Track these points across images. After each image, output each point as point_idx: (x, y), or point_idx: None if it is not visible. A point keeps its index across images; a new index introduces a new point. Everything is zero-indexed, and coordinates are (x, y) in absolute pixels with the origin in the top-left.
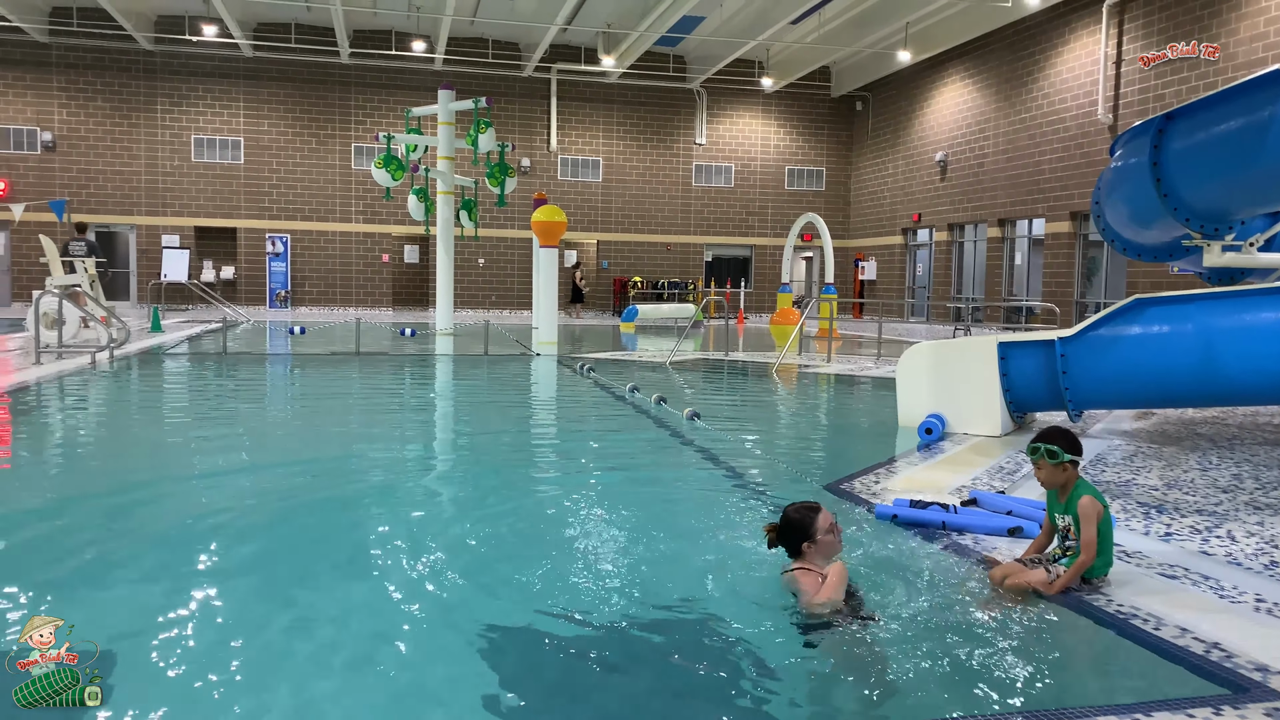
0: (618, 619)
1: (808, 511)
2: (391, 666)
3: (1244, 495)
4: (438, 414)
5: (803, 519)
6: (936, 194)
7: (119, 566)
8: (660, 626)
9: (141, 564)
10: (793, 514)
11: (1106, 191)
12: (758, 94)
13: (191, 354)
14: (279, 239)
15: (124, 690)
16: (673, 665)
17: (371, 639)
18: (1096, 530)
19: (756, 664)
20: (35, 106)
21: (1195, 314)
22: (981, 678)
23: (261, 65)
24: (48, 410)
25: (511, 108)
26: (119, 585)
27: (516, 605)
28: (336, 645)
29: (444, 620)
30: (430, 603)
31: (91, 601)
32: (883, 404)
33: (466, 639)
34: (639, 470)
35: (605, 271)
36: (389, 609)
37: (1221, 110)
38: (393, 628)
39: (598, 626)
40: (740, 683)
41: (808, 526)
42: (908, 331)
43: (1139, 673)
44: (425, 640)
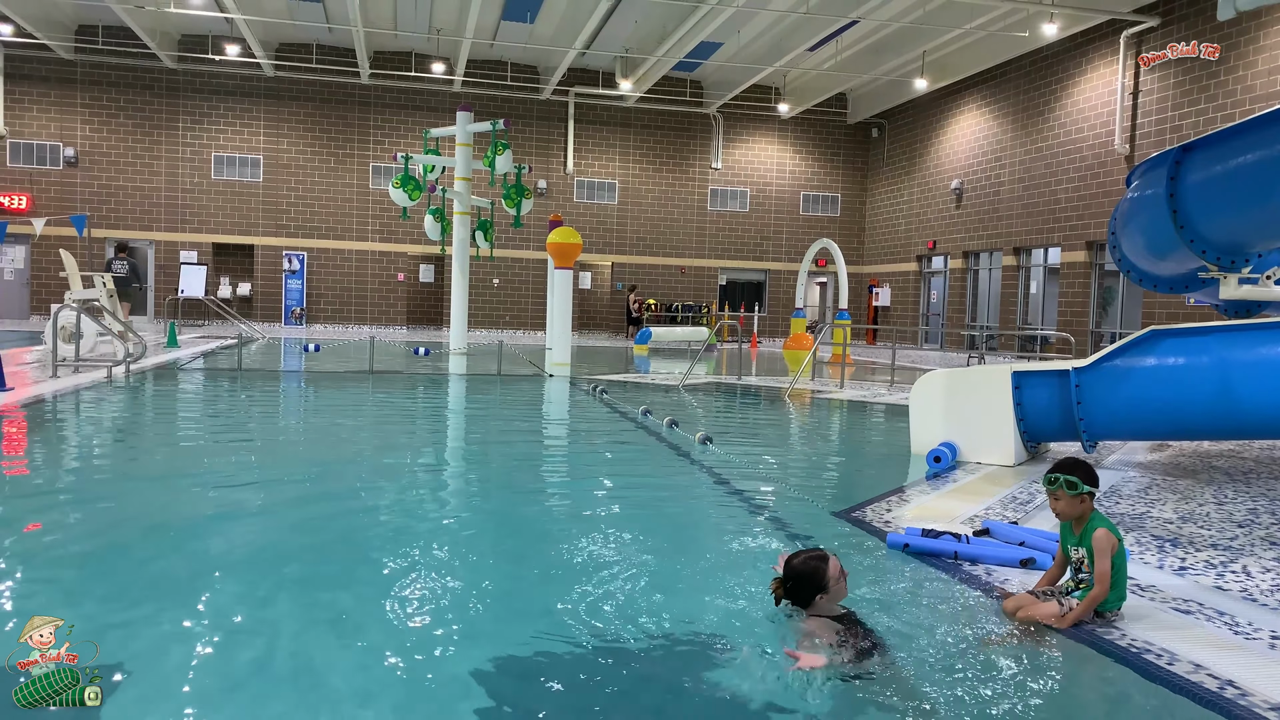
0: (625, 643)
1: (817, 561)
2: (392, 683)
3: (1260, 530)
4: (449, 434)
5: (814, 570)
6: (951, 221)
7: (122, 579)
8: (669, 652)
9: (148, 575)
10: (802, 566)
11: (1123, 222)
12: (774, 119)
13: (206, 369)
14: (296, 256)
15: (124, 695)
16: (680, 689)
17: (374, 654)
18: (1111, 563)
19: (763, 691)
20: (59, 122)
21: (1212, 346)
22: (992, 712)
23: (282, 85)
24: (63, 423)
25: (529, 130)
26: (120, 599)
27: (523, 627)
28: (336, 659)
29: (448, 642)
30: (434, 626)
31: (90, 613)
32: (895, 431)
33: (471, 660)
34: (650, 494)
35: (619, 293)
36: (392, 626)
37: (1239, 143)
38: (395, 645)
39: (604, 651)
40: (747, 710)
41: (820, 578)
42: (921, 358)
43: (1151, 709)
44: (427, 663)
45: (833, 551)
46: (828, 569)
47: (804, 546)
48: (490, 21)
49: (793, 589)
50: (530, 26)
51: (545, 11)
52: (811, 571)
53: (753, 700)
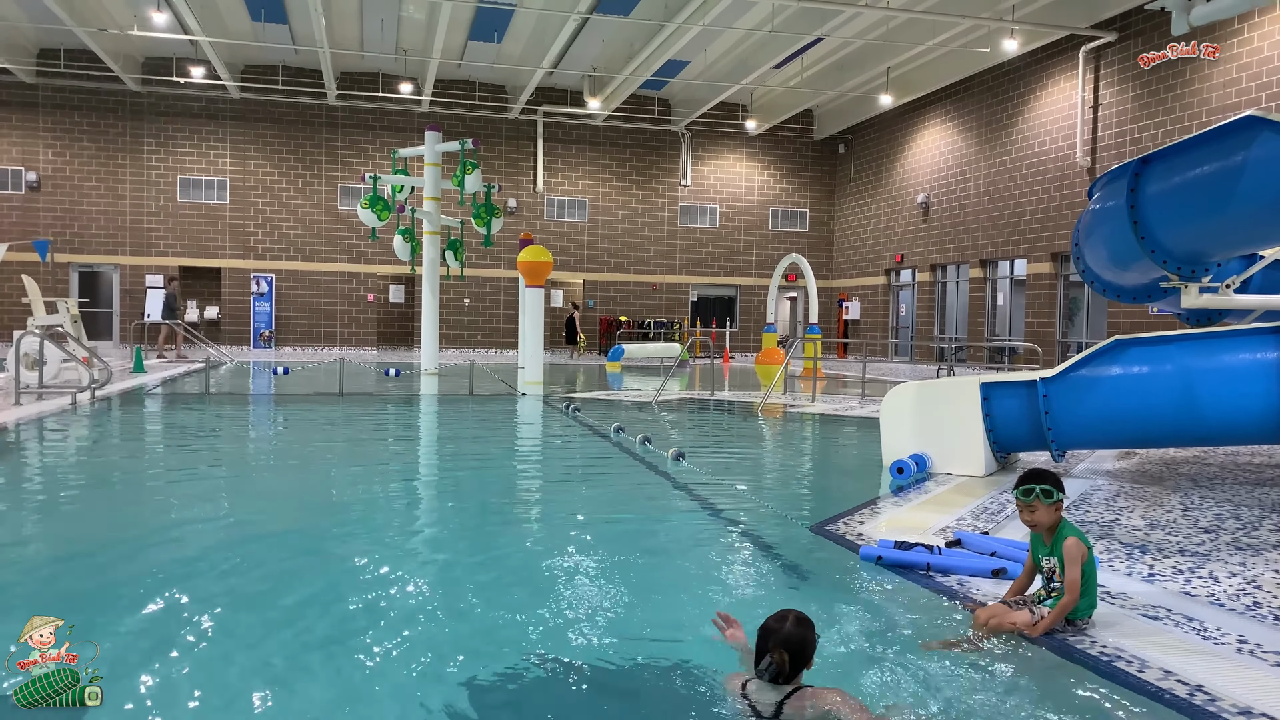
0: (598, 664)
1: (808, 624)
2: (369, 712)
3: (1226, 535)
4: (421, 456)
5: (813, 636)
6: (919, 235)
7: (87, 607)
8: (642, 671)
9: (112, 604)
10: (804, 632)
11: (1085, 233)
12: (742, 136)
13: (174, 395)
14: (264, 279)
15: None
16: (653, 710)
17: (352, 681)
18: (1081, 571)
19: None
20: (20, 146)
21: (1175, 354)
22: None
23: (249, 106)
24: (26, 451)
25: (498, 149)
26: (89, 627)
27: (497, 650)
28: (316, 681)
29: (423, 667)
30: (411, 649)
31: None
32: (867, 444)
33: (446, 685)
34: (623, 512)
35: (591, 311)
36: (371, 652)
37: (1196, 155)
38: (372, 673)
39: (577, 671)
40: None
41: (815, 641)
42: (891, 371)
43: (1123, 716)
44: (403, 689)
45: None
46: (814, 633)
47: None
48: (458, 42)
49: (796, 663)
50: (498, 46)
51: (512, 31)
52: (810, 636)
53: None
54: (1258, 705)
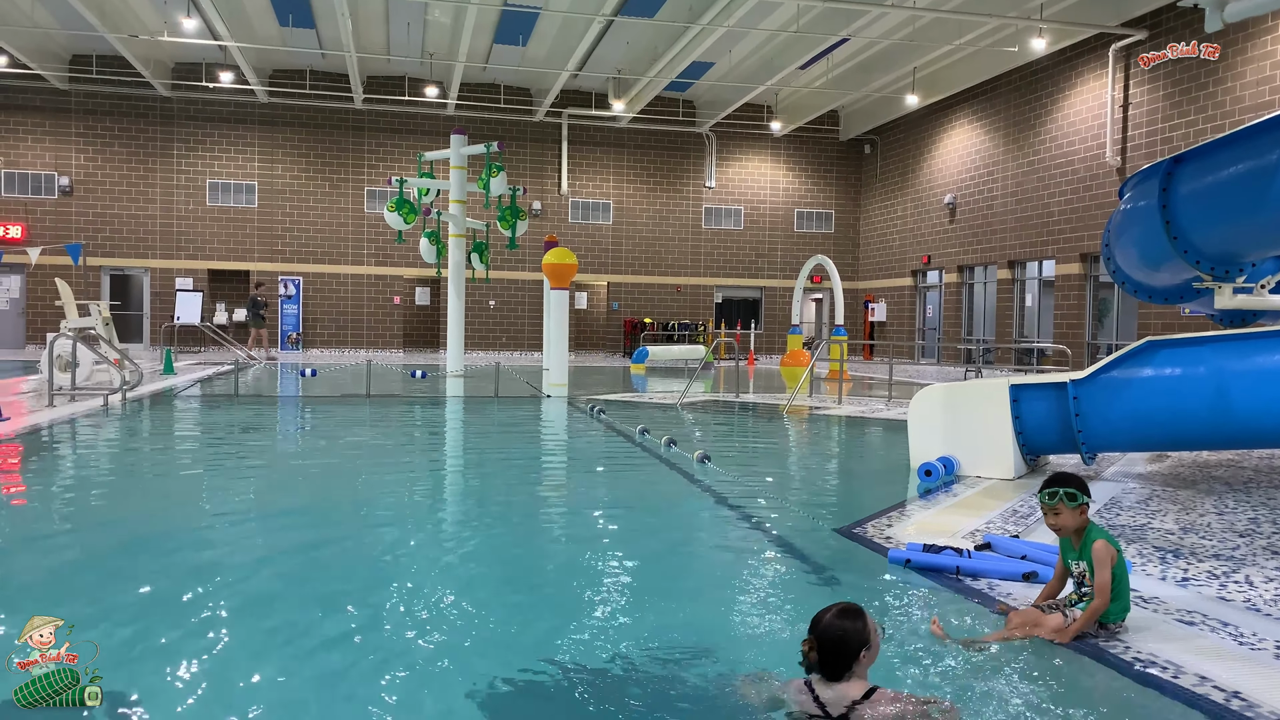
0: (624, 664)
1: (854, 615)
2: (395, 707)
3: (1261, 540)
4: (448, 457)
5: (858, 626)
6: (946, 236)
7: (117, 607)
8: (668, 674)
9: (142, 602)
10: (844, 624)
11: (1116, 234)
12: (766, 138)
13: (204, 396)
14: (291, 281)
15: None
16: (685, 712)
17: (376, 676)
18: (1111, 575)
19: (767, 711)
20: (54, 151)
21: (1208, 356)
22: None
23: (276, 111)
24: (59, 452)
25: (523, 152)
26: (115, 626)
27: (523, 650)
28: (337, 682)
29: (448, 666)
30: (436, 646)
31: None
32: (894, 447)
33: (471, 683)
34: (648, 513)
35: (615, 313)
36: (394, 648)
37: (1229, 154)
38: (397, 669)
39: (602, 673)
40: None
41: (866, 634)
42: (918, 373)
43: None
44: (425, 688)
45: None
46: (868, 620)
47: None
48: (483, 45)
49: (836, 655)
50: (523, 49)
51: (537, 34)
52: (855, 628)
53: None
54: None
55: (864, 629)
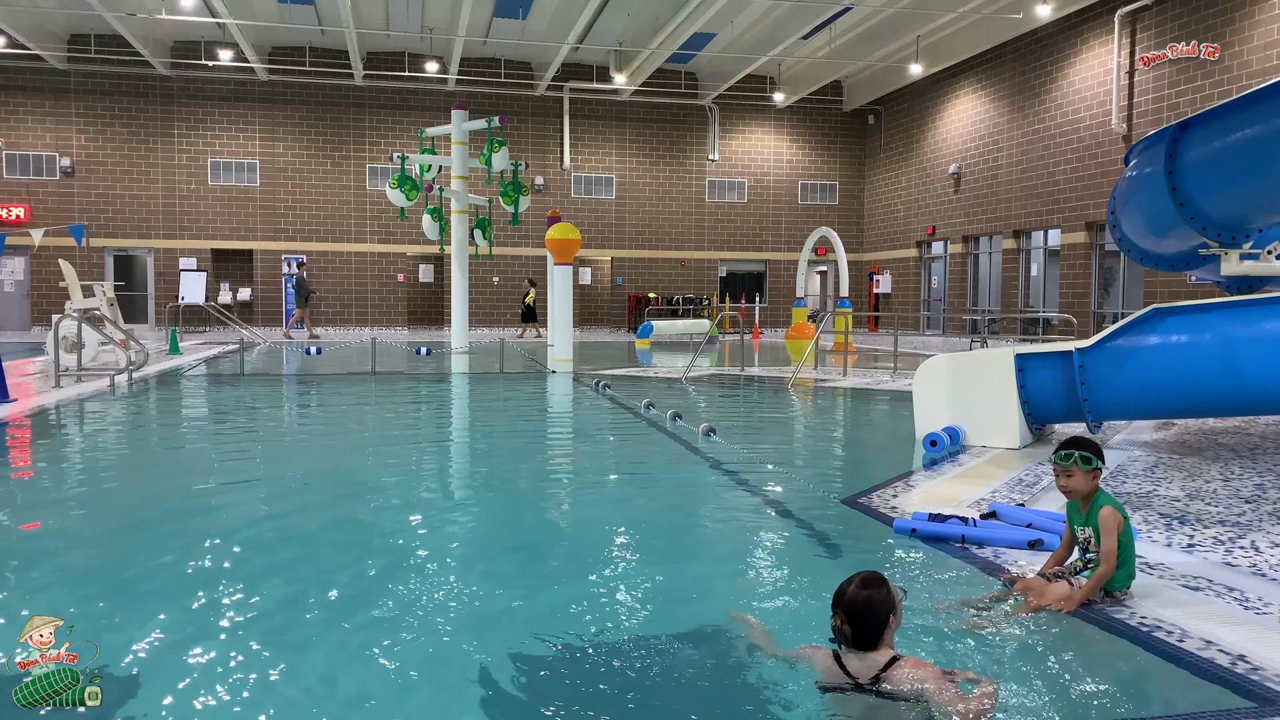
0: (630, 638)
1: (877, 583)
2: (402, 681)
3: (1267, 505)
4: (455, 433)
5: (883, 593)
6: (950, 206)
7: (129, 586)
8: (675, 648)
9: (152, 583)
10: (870, 593)
11: (1122, 201)
12: (770, 109)
13: (209, 375)
14: (295, 260)
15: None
16: (687, 685)
17: (382, 652)
18: (1117, 541)
19: (774, 679)
20: (54, 132)
21: (1214, 323)
22: (1003, 693)
23: (276, 88)
24: (67, 433)
25: (524, 126)
26: (126, 606)
27: (529, 624)
28: (346, 660)
29: (457, 638)
30: (443, 622)
31: (92, 620)
32: (899, 418)
33: (480, 656)
34: (654, 485)
35: (620, 288)
36: (403, 624)
37: (1236, 118)
38: (406, 643)
39: (609, 646)
40: (759, 700)
41: (893, 601)
42: (923, 344)
43: (1163, 686)
44: (437, 659)
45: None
46: (892, 589)
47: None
48: (483, 19)
49: (861, 628)
50: (523, 23)
51: (537, 7)
52: (881, 597)
53: (766, 692)
54: None
55: (889, 595)
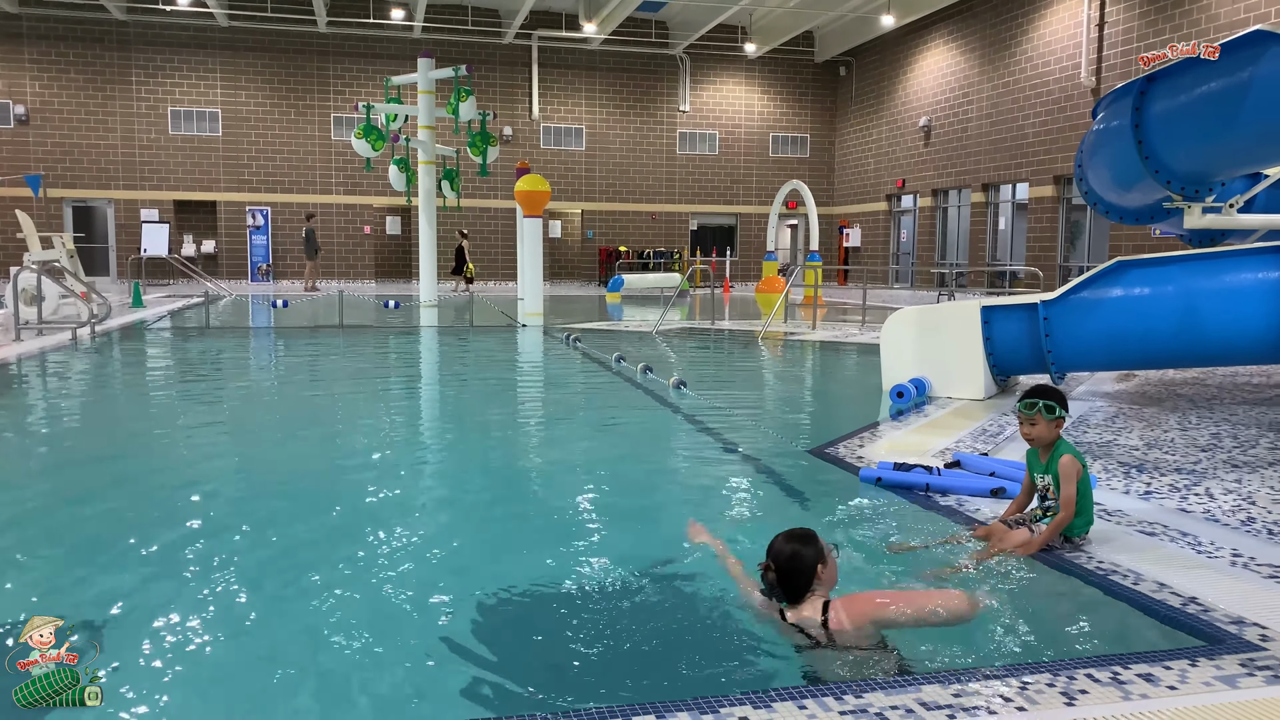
0: (598, 584)
1: (804, 538)
2: (380, 638)
3: (1222, 454)
4: (424, 388)
5: (809, 548)
6: (920, 160)
7: (98, 548)
8: (647, 592)
9: (121, 546)
10: (796, 546)
11: (1089, 154)
12: (741, 60)
13: (174, 329)
14: (259, 212)
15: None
16: (659, 628)
17: (358, 609)
18: (1076, 489)
19: (741, 622)
20: (6, 79)
21: (1176, 275)
22: (964, 634)
23: (238, 35)
24: (30, 386)
25: (492, 76)
26: (98, 569)
27: (505, 573)
28: (325, 617)
29: (425, 585)
30: (417, 573)
31: (68, 586)
32: (867, 370)
33: (450, 601)
34: (624, 438)
35: (590, 241)
36: (378, 580)
37: (1201, 72)
38: (381, 598)
39: (578, 590)
40: (729, 638)
41: (821, 555)
42: (892, 298)
43: (1118, 627)
44: (410, 612)
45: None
46: (819, 541)
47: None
48: None
49: (787, 578)
50: None
51: None
52: (806, 552)
53: (737, 637)
54: (1250, 615)
55: (817, 550)
